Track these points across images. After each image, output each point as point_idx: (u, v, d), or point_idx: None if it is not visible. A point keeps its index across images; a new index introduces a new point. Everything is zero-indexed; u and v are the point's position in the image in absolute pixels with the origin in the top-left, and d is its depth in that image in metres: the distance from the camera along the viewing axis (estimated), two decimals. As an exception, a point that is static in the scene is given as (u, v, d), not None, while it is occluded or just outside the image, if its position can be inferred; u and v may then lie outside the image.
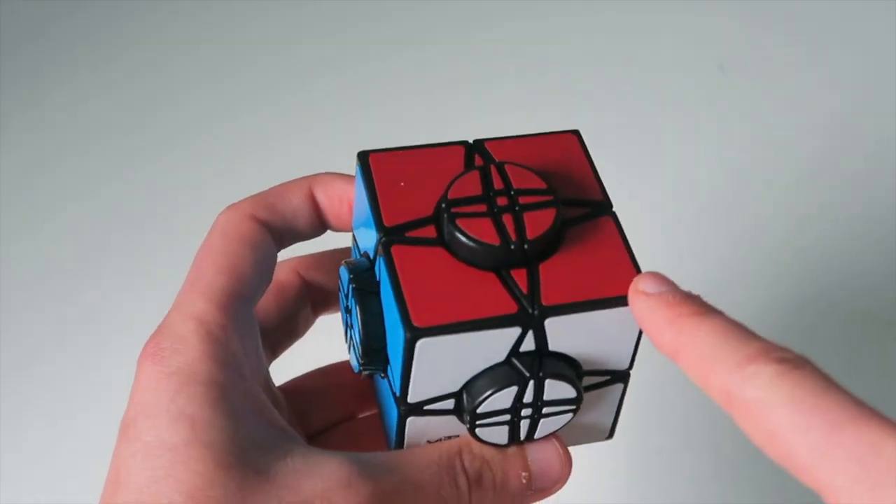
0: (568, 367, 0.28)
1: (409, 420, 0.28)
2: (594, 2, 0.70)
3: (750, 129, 0.63)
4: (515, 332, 0.27)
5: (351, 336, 0.30)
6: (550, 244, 0.27)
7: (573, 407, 0.28)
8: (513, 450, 0.29)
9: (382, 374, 0.29)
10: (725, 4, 0.69)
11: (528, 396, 0.27)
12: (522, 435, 0.29)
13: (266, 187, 0.32)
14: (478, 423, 0.28)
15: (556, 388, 0.27)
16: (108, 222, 0.62)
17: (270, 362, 0.32)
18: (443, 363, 0.27)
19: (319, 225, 0.32)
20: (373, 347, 0.28)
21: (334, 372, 0.35)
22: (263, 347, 0.30)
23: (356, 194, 0.30)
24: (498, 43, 0.69)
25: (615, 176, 0.61)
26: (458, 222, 0.27)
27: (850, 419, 0.21)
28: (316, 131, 0.65)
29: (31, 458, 0.53)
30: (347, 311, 0.30)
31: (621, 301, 0.27)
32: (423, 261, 0.27)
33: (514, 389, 0.27)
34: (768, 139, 0.62)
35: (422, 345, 0.26)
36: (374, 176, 0.29)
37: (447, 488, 0.28)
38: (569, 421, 0.29)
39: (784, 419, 0.22)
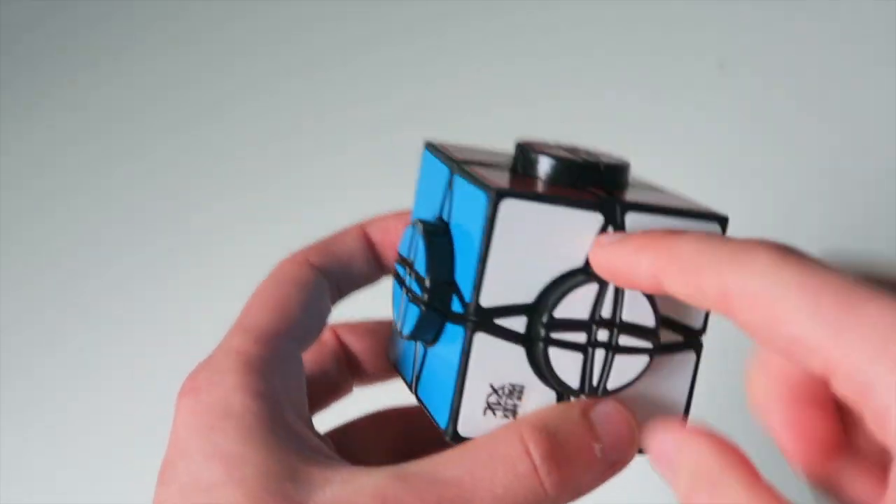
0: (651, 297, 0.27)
1: (476, 340, 0.26)
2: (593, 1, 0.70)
3: (750, 128, 0.63)
4: (597, 220, 0.26)
5: (403, 301, 0.29)
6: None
7: (650, 344, 0.27)
8: (578, 418, 0.27)
9: (430, 342, 0.28)
10: (727, 3, 0.69)
11: (607, 308, 0.26)
12: (595, 376, 0.27)
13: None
14: (552, 336, 0.26)
15: (636, 306, 0.27)
16: (121, 224, 0.62)
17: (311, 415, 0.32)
18: (522, 245, 0.26)
19: (377, 267, 0.32)
20: (439, 280, 0.27)
21: (381, 417, 0.35)
22: None
23: (422, 182, 0.30)
24: (483, 48, 0.69)
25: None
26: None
27: (864, 299, 0.20)
28: (330, 122, 0.65)
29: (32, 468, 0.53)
30: (402, 275, 0.29)
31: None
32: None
33: (594, 289, 0.26)
34: (769, 139, 0.62)
35: (505, 207, 0.25)
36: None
37: (505, 477, 0.26)
38: (644, 371, 0.27)
39: (791, 302, 0.21)
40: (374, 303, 0.33)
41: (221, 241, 0.58)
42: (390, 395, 0.33)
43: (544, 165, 0.27)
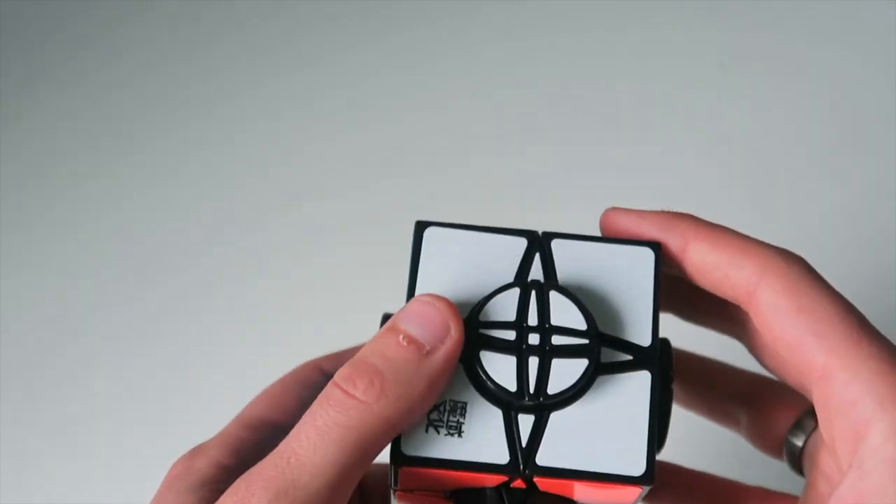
0: (578, 298, 0.27)
1: None
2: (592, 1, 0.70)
3: (752, 128, 0.63)
4: (521, 244, 0.28)
5: None
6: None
7: (585, 341, 0.27)
8: (381, 329, 0.26)
9: None
10: (726, 2, 0.69)
11: (533, 314, 0.27)
12: (532, 381, 0.26)
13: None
14: (481, 334, 0.27)
15: (563, 310, 0.27)
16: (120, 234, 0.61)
17: None
18: (449, 269, 0.28)
19: None
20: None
21: None
22: None
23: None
24: (490, 46, 0.68)
25: (616, 175, 0.60)
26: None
27: (870, 337, 0.25)
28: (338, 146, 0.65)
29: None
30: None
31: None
32: None
33: (515, 293, 0.27)
34: (769, 139, 0.62)
35: (429, 233, 0.27)
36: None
37: (323, 412, 0.25)
38: (586, 375, 0.27)
39: (824, 315, 0.25)
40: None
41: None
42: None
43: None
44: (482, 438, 0.27)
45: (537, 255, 0.28)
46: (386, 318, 0.28)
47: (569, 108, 0.65)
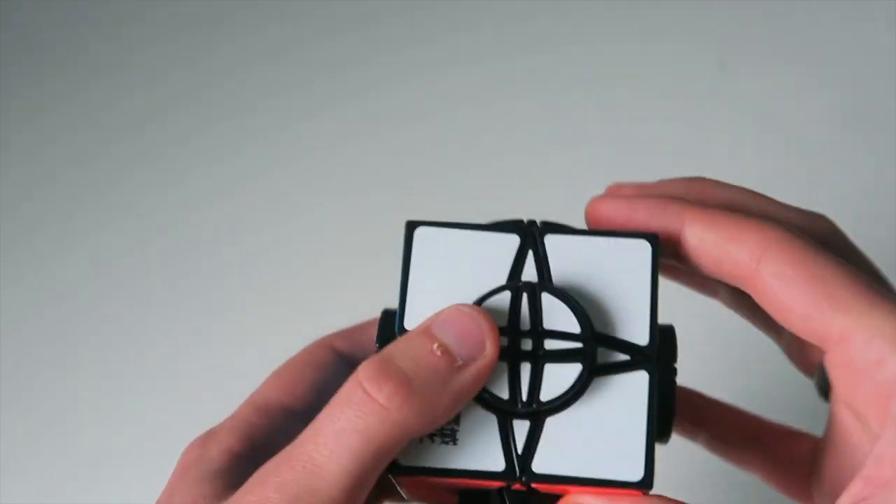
0: (572, 299, 0.27)
1: None
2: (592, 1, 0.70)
3: (752, 128, 0.63)
4: (514, 241, 0.27)
5: None
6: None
7: (579, 345, 0.26)
8: (414, 333, 0.26)
9: None
10: (727, 3, 0.69)
11: (525, 318, 0.26)
12: (524, 388, 0.26)
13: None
14: None
15: (557, 311, 0.26)
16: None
17: None
18: (441, 270, 0.27)
19: None
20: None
21: None
22: None
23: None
24: (493, 42, 0.68)
25: (613, 173, 0.60)
26: None
27: (879, 294, 0.25)
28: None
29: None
30: None
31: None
32: None
33: (506, 296, 0.26)
34: (769, 138, 0.62)
35: (420, 233, 0.27)
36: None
37: (342, 412, 0.25)
38: (579, 380, 0.26)
39: (838, 280, 0.25)
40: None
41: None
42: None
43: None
44: (477, 445, 0.26)
45: (530, 253, 0.27)
46: (386, 314, 0.28)
47: (565, 109, 0.65)
